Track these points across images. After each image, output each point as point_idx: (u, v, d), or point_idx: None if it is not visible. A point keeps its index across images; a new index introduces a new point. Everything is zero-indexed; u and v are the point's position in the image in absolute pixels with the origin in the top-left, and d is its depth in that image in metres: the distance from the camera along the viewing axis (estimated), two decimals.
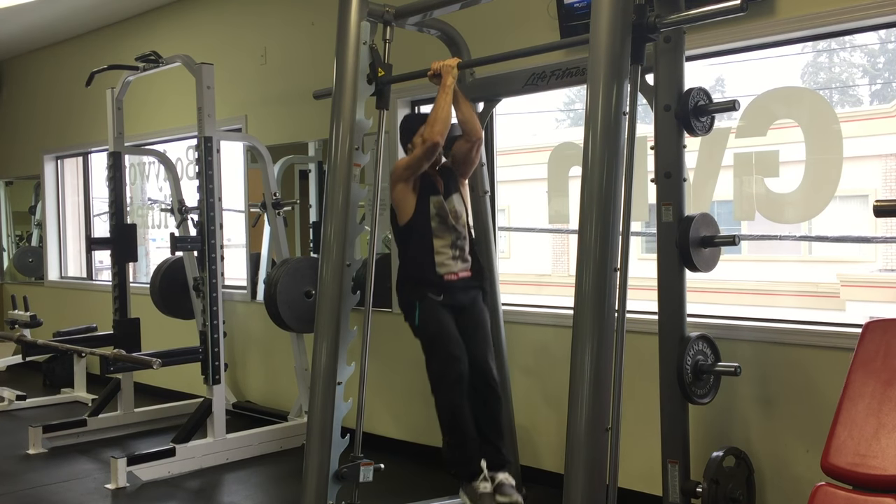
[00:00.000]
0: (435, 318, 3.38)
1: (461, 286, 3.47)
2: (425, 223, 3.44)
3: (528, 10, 4.08)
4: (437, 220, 3.45)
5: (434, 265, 3.41)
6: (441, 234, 3.44)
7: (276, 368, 5.60)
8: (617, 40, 2.47)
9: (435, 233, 3.44)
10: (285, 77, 5.48)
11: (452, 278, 3.44)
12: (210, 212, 4.55)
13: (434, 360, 3.36)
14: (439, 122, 3.33)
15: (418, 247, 3.44)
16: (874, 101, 5.00)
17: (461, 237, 3.50)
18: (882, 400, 2.55)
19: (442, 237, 3.45)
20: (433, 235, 3.44)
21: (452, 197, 3.51)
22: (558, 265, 9.40)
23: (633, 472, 3.67)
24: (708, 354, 3.07)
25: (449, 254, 3.45)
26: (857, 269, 5.87)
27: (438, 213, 3.45)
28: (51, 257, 7.98)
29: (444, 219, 3.45)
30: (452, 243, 3.47)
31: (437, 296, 3.40)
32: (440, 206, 3.46)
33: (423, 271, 3.41)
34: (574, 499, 2.35)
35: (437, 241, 3.44)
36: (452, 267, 3.45)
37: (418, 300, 3.40)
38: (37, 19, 6.94)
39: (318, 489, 3.26)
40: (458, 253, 3.48)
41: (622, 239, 2.49)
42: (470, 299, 3.51)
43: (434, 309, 3.39)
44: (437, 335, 3.36)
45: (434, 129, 3.32)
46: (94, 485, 4.37)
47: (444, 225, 3.45)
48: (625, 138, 2.47)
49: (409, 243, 3.50)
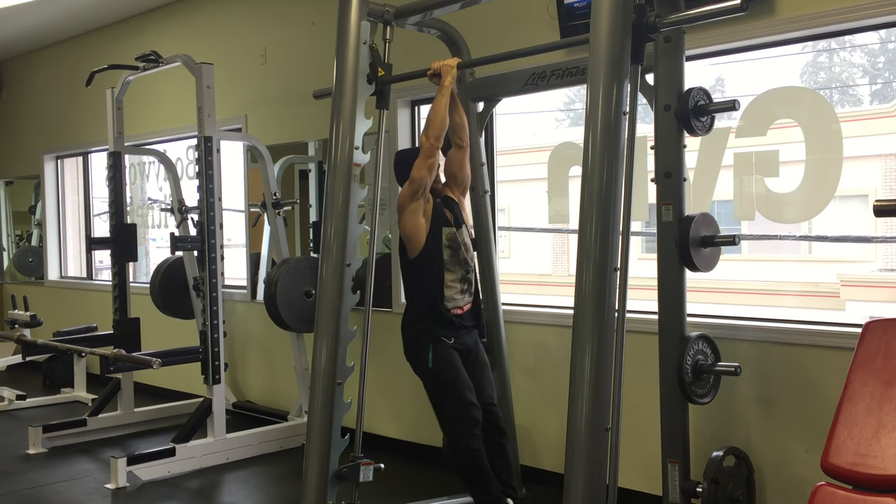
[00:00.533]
0: (449, 363, 3.37)
1: (465, 322, 3.47)
2: (437, 255, 3.41)
3: (528, 10, 4.08)
4: (449, 253, 3.42)
5: (443, 299, 3.40)
6: (453, 266, 3.43)
7: (276, 368, 5.60)
8: (617, 40, 2.47)
9: (447, 265, 3.42)
10: (285, 77, 5.48)
11: (458, 312, 3.44)
12: (210, 212, 4.55)
13: (451, 406, 3.35)
14: (436, 124, 3.33)
15: (428, 279, 3.42)
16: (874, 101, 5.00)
17: (470, 270, 3.50)
18: (882, 400, 2.55)
19: (453, 270, 3.43)
20: (445, 268, 3.41)
21: (462, 229, 3.50)
22: (558, 265, 9.39)
23: (633, 472, 3.67)
24: (708, 354, 3.07)
25: (458, 287, 3.44)
26: (857, 269, 5.86)
27: (451, 245, 3.43)
28: (51, 257, 7.98)
29: (455, 251, 3.43)
30: (462, 277, 3.45)
31: (449, 339, 3.40)
32: (453, 238, 3.43)
33: (434, 306, 3.39)
34: (574, 499, 2.35)
35: (448, 274, 3.42)
36: (459, 301, 3.45)
37: (432, 343, 3.38)
38: (37, 19, 6.94)
39: (318, 489, 3.26)
40: (465, 287, 3.47)
41: (622, 239, 2.49)
42: (473, 340, 3.53)
43: (448, 352, 3.38)
44: (453, 381, 3.34)
45: (431, 130, 3.33)
46: (94, 485, 4.37)
47: (455, 258, 3.43)
48: (625, 138, 2.47)
49: (418, 276, 3.47)
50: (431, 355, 3.37)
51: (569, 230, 4.53)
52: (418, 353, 3.43)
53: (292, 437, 5.00)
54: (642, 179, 3.40)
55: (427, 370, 3.40)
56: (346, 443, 3.36)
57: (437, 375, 3.38)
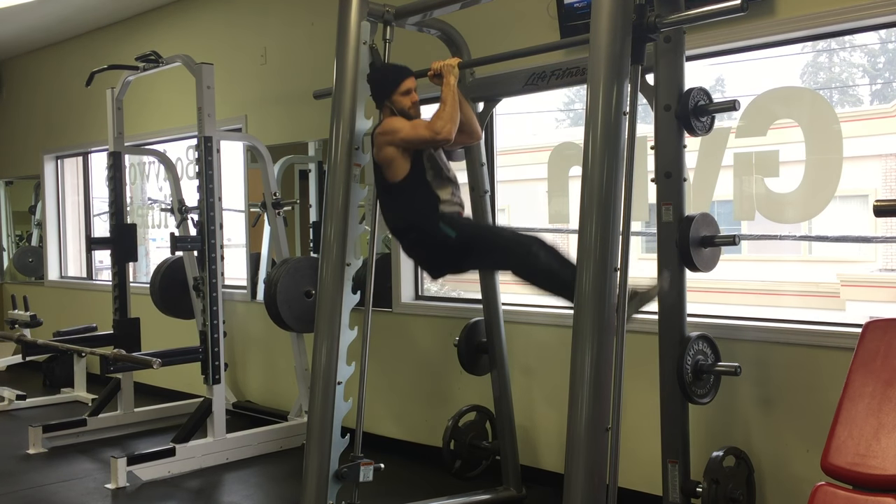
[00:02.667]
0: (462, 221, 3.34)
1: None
2: (421, 177, 3.32)
3: (528, 10, 4.08)
4: (433, 174, 3.34)
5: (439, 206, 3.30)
6: (440, 185, 3.34)
7: (276, 368, 5.60)
8: (617, 40, 2.47)
9: (433, 184, 3.33)
10: (285, 77, 5.48)
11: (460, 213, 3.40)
12: (210, 212, 4.55)
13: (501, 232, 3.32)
14: (455, 121, 3.23)
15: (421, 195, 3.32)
16: (874, 101, 4.99)
17: (457, 187, 3.42)
18: (882, 400, 2.55)
19: (442, 188, 3.35)
20: (432, 186, 3.33)
21: (440, 151, 3.40)
22: None
23: (633, 472, 3.67)
24: (708, 354, 3.07)
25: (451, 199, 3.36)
26: (857, 269, 5.85)
27: (432, 165, 3.34)
28: (51, 257, 7.98)
29: (438, 171, 3.35)
30: (452, 192, 3.38)
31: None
32: (432, 159, 3.34)
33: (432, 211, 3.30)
34: (574, 499, 2.36)
35: (438, 191, 3.34)
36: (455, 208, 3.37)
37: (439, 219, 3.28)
38: (37, 19, 6.94)
39: (318, 489, 3.26)
40: (458, 200, 3.41)
41: (622, 239, 2.49)
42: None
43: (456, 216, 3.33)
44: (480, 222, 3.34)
45: (451, 126, 3.21)
46: (94, 485, 4.37)
47: (439, 177, 3.35)
48: (625, 138, 2.47)
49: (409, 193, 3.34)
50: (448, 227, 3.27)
51: (569, 230, 4.53)
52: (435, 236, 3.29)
53: (292, 437, 5.00)
54: (642, 179, 3.40)
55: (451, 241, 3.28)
56: (346, 443, 3.36)
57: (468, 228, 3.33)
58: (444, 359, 4.44)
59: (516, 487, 3.95)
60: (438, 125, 3.21)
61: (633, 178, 2.58)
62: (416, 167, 3.32)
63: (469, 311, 4.26)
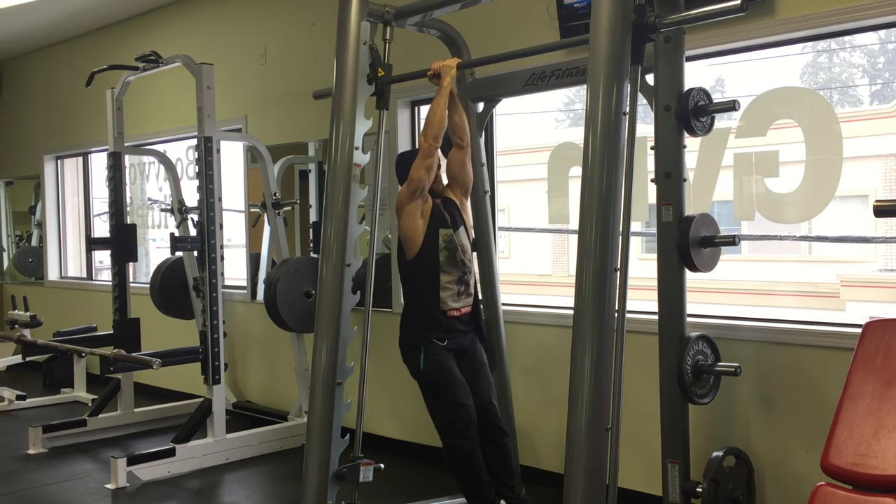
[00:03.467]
0: (440, 364, 3.36)
1: (462, 325, 3.46)
2: (433, 257, 3.40)
3: (528, 10, 4.08)
4: (446, 255, 3.41)
5: (439, 301, 3.39)
6: (448, 268, 3.42)
7: (276, 368, 5.60)
8: (617, 40, 2.47)
9: (442, 267, 3.40)
10: (285, 77, 5.48)
11: (455, 314, 3.43)
12: (210, 212, 4.55)
13: (442, 407, 3.34)
14: (434, 124, 3.32)
15: (424, 281, 3.42)
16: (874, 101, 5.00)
17: (468, 272, 3.48)
18: (882, 400, 2.55)
19: (449, 272, 3.42)
20: (440, 270, 3.40)
21: (460, 230, 3.49)
22: (558, 265, 9.39)
23: (633, 472, 3.67)
24: (708, 354, 3.07)
25: (454, 290, 3.42)
26: (857, 269, 5.86)
27: (447, 246, 3.42)
28: (51, 257, 7.98)
29: (452, 253, 3.42)
30: (459, 279, 3.44)
31: (442, 341, 3.39)
32: (450, 240, 3.42)
33: (428, 308, 3.39)
34: (574, 499, 2.35)
35: (444, 276, 3.40)
36: (456, 303, 3.43)
37: (423, 345, 3.38)
38: (37, 19, 6.94)
39: (318, 489, 3.26)
40: (462, 289, 3.46)
41: (622, 239, 2.49)
42: (470, 341, 3.51)
43: (439, 354, 3.37)
44: (444, 383, 3.34)
45: (429, 131, 3.32)
46: (94, 485, 4.37)
47: (452, 259, 3.42)
48: (625, 138, 2.47)
49: (414, 278, 3.47)
50: (423, 357, 3.37)
51: (569, 230, 4.53)
52: (411, 355, 3.43)
53: (292, 437, 5.00)
54: (642, 179, 3.40)
55: (419, 372, 3.40)
56: (346, 443, 3.36)
57: (429, 377, 3.38)
58: None
59: (516, 487, 3.94)
60: (420, 139, 3.34)
61: (633, 178, 2.58)
62: (428, 244, 3.40)
63: None
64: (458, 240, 3.45)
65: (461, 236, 3.48)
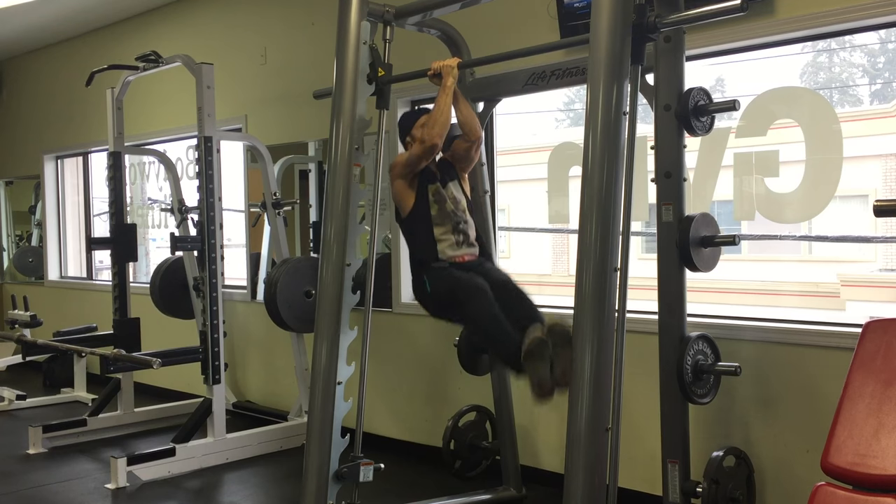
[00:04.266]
0: (444, 275, 3.32)
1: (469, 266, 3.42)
2: (425, 212, 3.40)
3: (528, 10, 4.08)
4: (437, 208, 3.40)
5: (437, 253, 3.36)
6: (441, 221, 3.39)
7: (276, 368, 5.60)
8: (617, 40, 2.47)
9: (434, 221, 3.39)
10: (285, 77, 5.48)
11: (459, 261, 3.40)
12: (210, 212, 4.55)
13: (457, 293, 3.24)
14: (439, 125, 3.30)
15: (421, 236, 3.40)
16: (874, 101, 5.00)
17: (463, 222, 3.45)
18: (882, 400, 2.55)
19: (442, 224, 3.39)
20: (433, 224, 3.39)
21: (450, 185, 3.46)
22: (558, 265, 9.40)
23: (633, 472, 3.67)
24: (708, 354, 3.07)
25: (451, 239, 3.40)
26: (857, 269, 5.86)
27: (436, 199, 3.40)
28: (51, 257, 7.98)
29: (442, 205, 3.40)
30: (454, 228, 3.41)
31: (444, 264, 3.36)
32: (437, 193, 3.41)
33: (430, 260, 3.36)
34: (574, 499, 2.35)
35: (437, 229, 3.38)
36: (456, 252, 3.40)
37: (426, 272, 3.34)
38: (37, 19, 6.94)
39: (318, 489, 3.26)
40: (461, 238, 3.43)
41: (622, 239, 2.49)
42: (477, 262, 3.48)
43: (442, 269, 3.34)
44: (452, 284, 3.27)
45: (433, 130, 3.28)
46: (94, 485, 4.37)
47: (443, 212, 3.40)
48: (625, 138, 2.47)
49: (412, 233, 3.47)
50: (427, 281, 3.33)
51: (569, 230, 4.54)
52: (420, 289, 3.39)
53: (292, 437, 4.99)
54: (642, 179, 3.40)
55: (428, 295, 3.34)
56: (346, 443, 3.36)
57: (436, 291, 3.32)
58: (444, 359, 4.44)
59: (516, 487, 3.95)
60: (425, 132, 3.31)
61: (633, 178, 2.58)
62: (420, 201, 3.39)
63: None
64: (446, 192, 3.43)
65: (450, 189, 3.46)
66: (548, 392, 2.97)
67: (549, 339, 2.98)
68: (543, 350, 2.96)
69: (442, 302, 3.34)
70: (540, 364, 2.95)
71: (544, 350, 2.96)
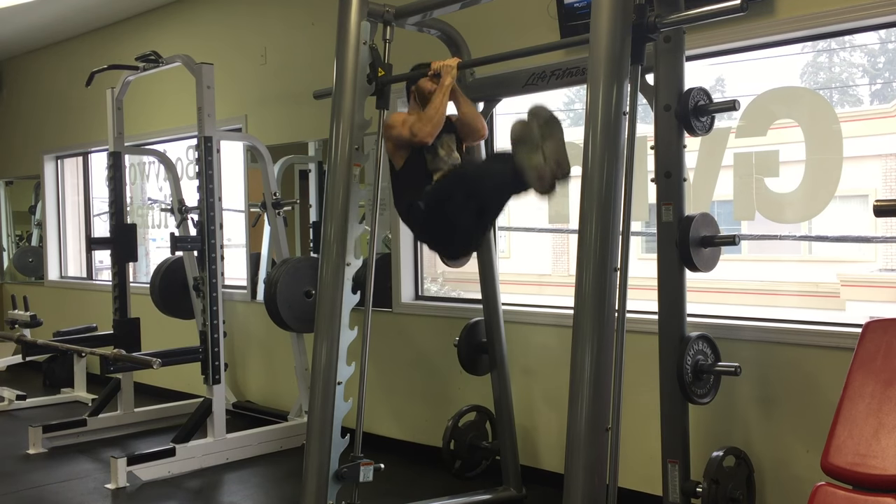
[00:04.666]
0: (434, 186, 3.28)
1: None
2: (420, 160, 3.34)
3: (528, 10, 4.08)
4: (431, 155, 3.35)
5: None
6: (435, 166, 3.34)
7: (276, 368, 5.60)
8: (617, 40, 2.47)
9: (429, 165, 3.34)
10: (285, 77, 5.48)
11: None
12: (210, 212, 4.55)
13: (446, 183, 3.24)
14: (432, 123, 3.26)
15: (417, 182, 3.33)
16: (874, 101, 4.99)
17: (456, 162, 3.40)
18: (882, 400, 2.55)
19: (438, 169, 3.34)
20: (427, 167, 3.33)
21: (444, 136, 3.39)
22: (558, 265, 9.38)
23: (633, 472, 3.67)
24: (708, 354, 3.07)
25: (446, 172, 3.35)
26: (857, 269, 5.86)
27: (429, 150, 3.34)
28: (51, 257, 7.98)
29: (436, 153, 3.35)
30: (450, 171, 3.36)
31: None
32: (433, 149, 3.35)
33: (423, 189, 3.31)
34: (574, 499, 2.36)
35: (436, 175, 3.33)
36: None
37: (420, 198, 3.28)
38: (37, 19, 6.94)
39: (318, 489, 3.26)
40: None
41: (622, 239, 2.49)
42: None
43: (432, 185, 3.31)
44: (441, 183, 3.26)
45: (425, 129, 3.24)
46: (94, 485, 4.37)
47: (436, 159, 3.35)
48: (625, 138, 2.48)
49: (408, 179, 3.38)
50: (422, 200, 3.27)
51: (569, 230, 4.53)
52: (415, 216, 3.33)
53: (292, 437, 5.00)
54: (642, 179, 3.40)
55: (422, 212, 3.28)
56: (346, 443, 3.36)
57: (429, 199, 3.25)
58: (444, 359, 4.44)
59: (516, 487, 3.95)
60: (417, 127, 3.25)
61: (633, 178, 2.58)
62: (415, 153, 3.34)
63: (469, 311, 4.26)
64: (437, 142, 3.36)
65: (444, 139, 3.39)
66: (549, 183, 2.98)
67: (531, 121, 2.97)
68: (529, 132, 2.96)
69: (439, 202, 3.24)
70: (532, 153, 2.96)
71: (530, 132, 2.95)
